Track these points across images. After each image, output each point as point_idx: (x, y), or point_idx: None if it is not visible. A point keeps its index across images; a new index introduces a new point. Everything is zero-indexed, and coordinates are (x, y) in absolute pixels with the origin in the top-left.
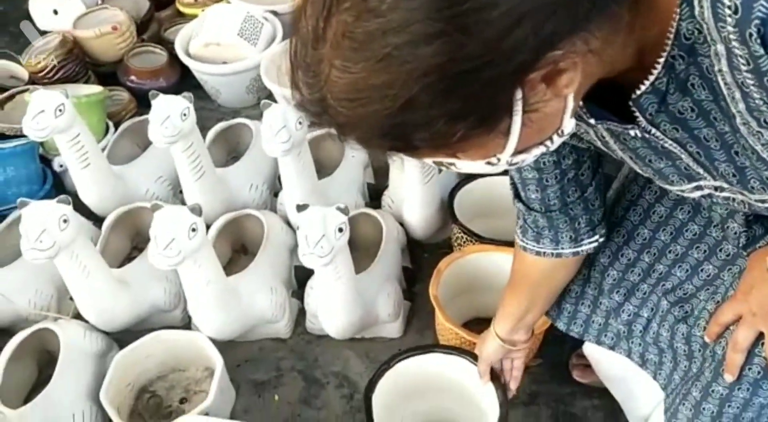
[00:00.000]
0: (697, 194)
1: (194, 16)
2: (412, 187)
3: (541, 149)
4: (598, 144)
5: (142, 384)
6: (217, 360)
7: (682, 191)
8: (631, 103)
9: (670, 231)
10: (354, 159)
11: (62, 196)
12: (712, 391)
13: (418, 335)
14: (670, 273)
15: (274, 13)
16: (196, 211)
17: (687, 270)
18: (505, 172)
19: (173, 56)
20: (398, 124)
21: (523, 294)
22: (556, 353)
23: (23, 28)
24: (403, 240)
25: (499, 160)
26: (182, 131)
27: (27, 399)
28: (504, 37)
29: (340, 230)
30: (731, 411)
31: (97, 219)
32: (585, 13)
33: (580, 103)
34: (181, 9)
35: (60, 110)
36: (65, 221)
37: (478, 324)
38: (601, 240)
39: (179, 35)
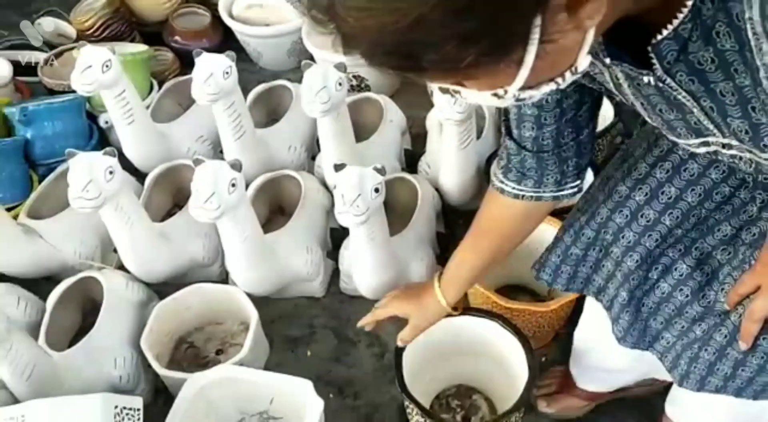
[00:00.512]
0: (702, 150)
1: None
2: (449, 152)
3: (551, 86)
4: (611, 86)
5: (180, 335)
6: (253, 315)
7: (689, 146)
8: (649, 49)
9: (698, 193)
10: (392, 124)
11: (108, 149)
12: (727, 354)
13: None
14: (686, 235)
15: None
16: (236, 166)
17: (703, 231)
18: None
19: (217, 18)
20: (406, 41)
21: (485, 248)
22: None
23: (23, 28)
24: (438, 206)
25: (506, 92)
26: (224, 89)
27: (71, 344)
28: None
29: (377, 190)
30: (744, 374)
31: (139, 176)
32: None
33: (600, 40)
34: None
35: (107, 66)
36: (111, 172)
37: (509, 291)
38: (582, 186)
39: None
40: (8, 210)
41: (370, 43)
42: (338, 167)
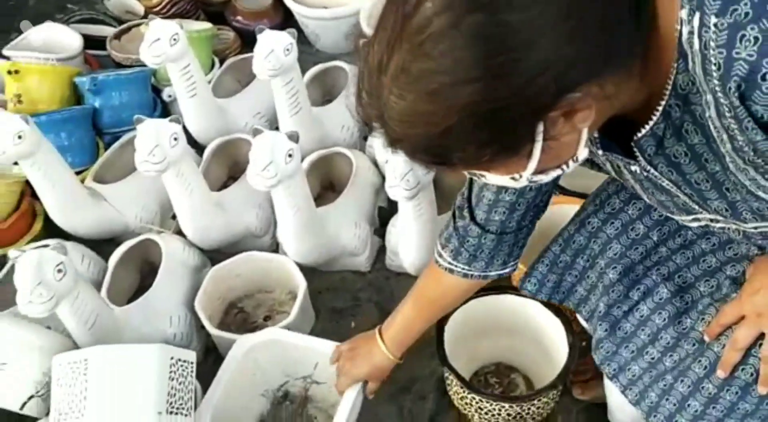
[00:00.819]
0: (695, 225)
1: None
2: None
3: (558, 172)
4: (612, 172)
5: (231, 300)
6: (301, 283)
7: (682, 221)
8: (633, 144)
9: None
10: None
11: (173, 116)
12: (702, 388)
13: (493, 283)
14: (671, 258)
15: None
16: (294, 138)
17: (689, 258)
18: None
19: (278, 0)
20: (438, 145)
21: (431, 313)
22: None
23: (23, 28)
24: None
25: (521, 176)
26: (284, 65)
27: (129, 303)
28: (529, 84)
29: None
30: (714, 413)
31: (198, 149)
32: (601, 66)
33: (595, 134)
34: None
35: (174, 40)
36: (176, 139)
37: None
38: (515, 263)
39: None
40: (76, 174)
41: (411, 145)
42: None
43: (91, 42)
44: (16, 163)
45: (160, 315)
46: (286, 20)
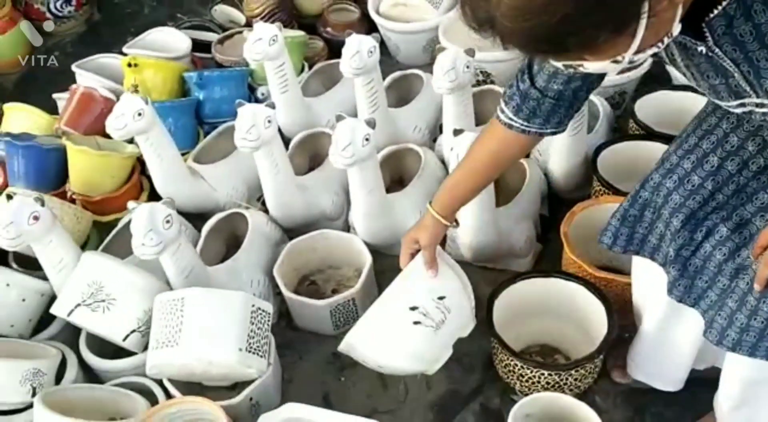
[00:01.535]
0: (740, 110)
1: None
2: (559, 137)
3: (654, 49)
4: (666, 60)
5: (304, 273)
6: (368, 259)
7: (729, 107)
8: (704, 25)
9: (737, 162)
10: None
11: (269, 102)
12: (746, 301)
13: (541, 266)
14: (727, 202)
15: None
16: (371, 124)
17: (743, 199)
18: (649, 137)
19: (364, 14)
20: (555, 33)
21: (480, 174)
22: None
23: (23, 28)
24: (545, 190)
25: (623, 58)
26: (367, 65)
27: None
28: None
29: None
30: (756, 324)
31: (285, 142)
32: None
33: None
34: None
35: (273, 40)
36: (269, 121)
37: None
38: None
39: None
40: None
41: (526, 39)
42: (457, 132)
43: (198, 45)
44: (131, 142)
45: (243, 278)
46: (370, 33)
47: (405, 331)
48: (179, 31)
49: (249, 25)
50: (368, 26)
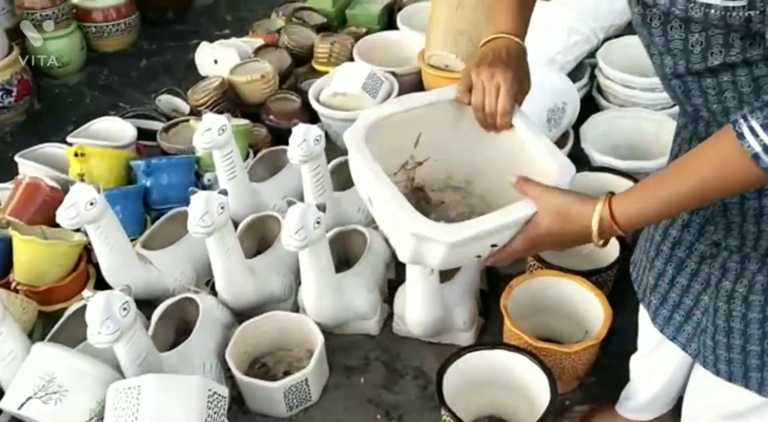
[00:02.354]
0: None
1: (325, 72)
2: None
3: None
4: None
5: (255, 356)
6: (319, 339)
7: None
8: None
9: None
10: None
11: (222, 189)
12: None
13: (487, 338)
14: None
15: (393, 73)
16: (322, 208)
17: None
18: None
19: (305, 103)
20: None
21: None
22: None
23: (23, 28)
24: (483, 266)
25: None
26: (313, 153)
27: None
28: None
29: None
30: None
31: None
32: None
33: None
34: (316, 66)
35: (222, 129)
36: (222, 208)
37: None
38: None
39: (313, 85)
40: None
41: None
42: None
43: (142, 133)
44: (77, 231)
45: (195, 362)
46: (312, 121)
47: None
48: (123, 120)
49: (193, 113)
50: (309, 114)
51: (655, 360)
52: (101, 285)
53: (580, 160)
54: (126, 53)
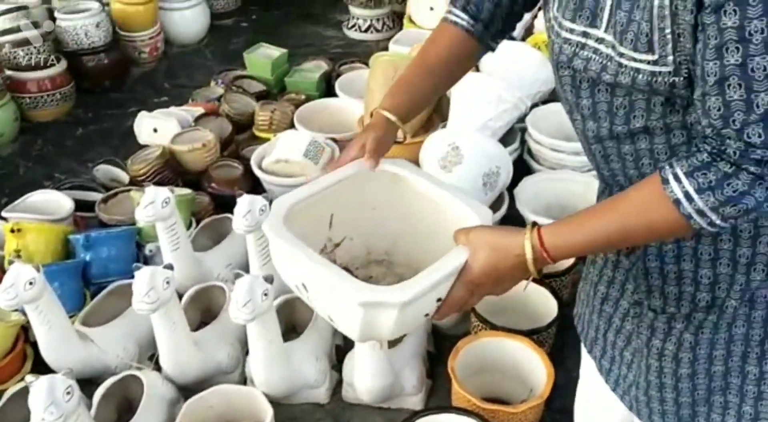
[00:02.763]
0: (578, 39)
1: (266, 140)
2: None
3: None
4: None
5: None
6: (268, 411)
7: (572, 32)
8: None
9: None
10: None
11: (168, 263)
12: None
13: (435, 403)
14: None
15: (334, 139)
16: (269, 279)
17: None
18: None
19: (247, 170)
20: None
21: (436, 70)
22: None
23: (22, 27)
24: (429, 328)
25: None
26: (259, 222)
27: None
28: None
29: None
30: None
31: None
32: None
33: None
34: (257, 133)
35: (166, 202)
36: (168, 282)
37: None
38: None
39: (255, 153)
40: None
41: None
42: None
43: (79, 205)
44: (16, 310)
45: None
46: (254, 187)
47: None
48: (59, 193)
49: (133, 183)
50: (252, 181)
51: (599, 411)
52: (40, 364)
53: (516, 221)
54: (61, 123)
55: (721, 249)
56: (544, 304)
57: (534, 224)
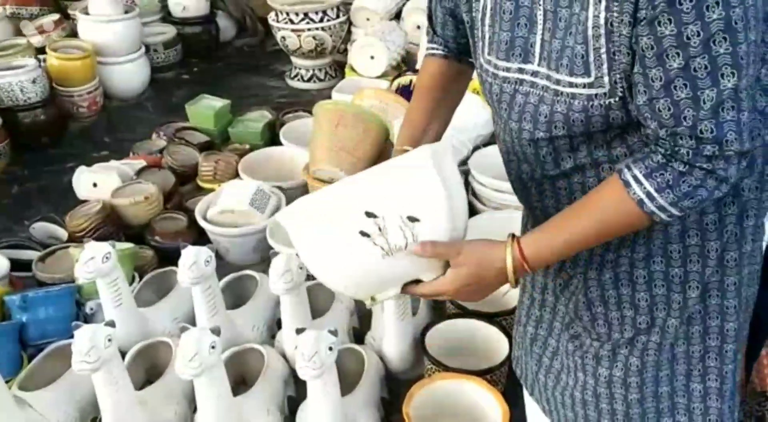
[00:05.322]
0: (515, 76)
1: (211, 190)
2: (389, 323)
3: None
4: (479, 14)
5: None
6: None
7: (508, 70)
8: None
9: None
10: (342, 304)
11: (110, 320)
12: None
13: None
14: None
15: (280, 188)
16: (216, 331)
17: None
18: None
19: (192, 221)
20: None
21: (426, 102)
22: None
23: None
24: (382, 372)
25: None
26: (204, 274)
27: None
28: None
29: (330, 349)
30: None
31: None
32: None
33: None
34: (201, 184)
35: (107, 257)
36: (110, 340)
37: None
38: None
39: (199, 204)
40: None
41: None
42: (299, 331)
43: (15, 265)
44: None
45: None
46: (199, 238)
47: (345, 238)
48: None
49: (72, 240)
50: (196, 232)
51: None
52: None
53: None
54: None
55: (655, 272)
56: (496, 343)
57: (513, 236)
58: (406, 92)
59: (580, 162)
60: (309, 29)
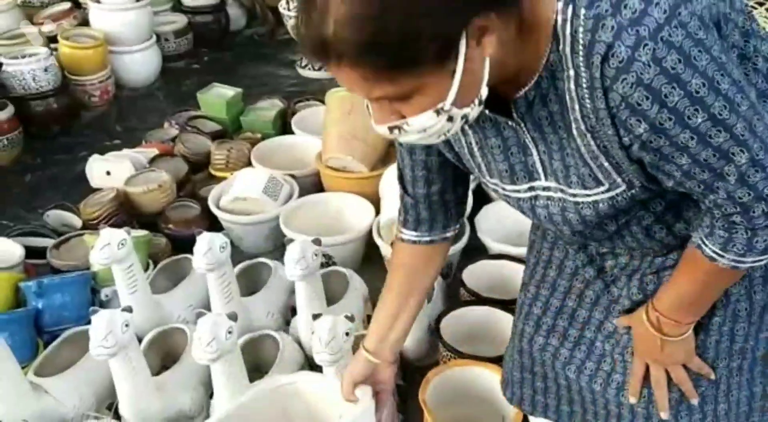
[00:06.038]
0: (528, 194)
1: (224, 178)
2: None
3: (468, 110)
4: (464, 150)
5: None
6: None
7: (518, 191)
8: (511, 103)
9: (573, 298)
10: (357, 291)
11: (126, 306)
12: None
13: None
14: (583, 335)
15: (292, 175)
16: (233, 317)
17: (594, 331)
18: (480, 302)
19: (205, 210)
20: (385, 43)
21: (393, 296)
22: None
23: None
24: (398, 360)
25: (444, 109)
26: (219, 260)
27: None
28: None
29: (347, 334)
30: None
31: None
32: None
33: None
34: (213, 172)
35: (122, 244)
36: (126, 325)
37: None
38: (458, 226)
39: (212, 192)
40: None
41: (357, 49)
42: (316, 316)
43: (30, 252)
44: None
45: None
46: (211, 226)
47: None
48: (8, 240)
49: (86, 227)
50: (209, 221)
51: None
52: None
53: (479, 249)
54: (8, 170)
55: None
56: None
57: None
58: None
59: (623, 222)
60: None
